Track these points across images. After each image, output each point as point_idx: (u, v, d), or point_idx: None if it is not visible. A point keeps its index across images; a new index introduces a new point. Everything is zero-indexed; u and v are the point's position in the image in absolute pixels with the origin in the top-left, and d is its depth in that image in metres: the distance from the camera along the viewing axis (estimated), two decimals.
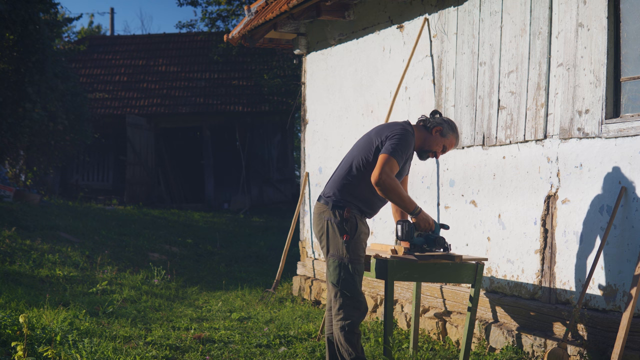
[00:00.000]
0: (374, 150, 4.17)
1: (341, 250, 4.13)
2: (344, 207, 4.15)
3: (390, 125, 4.28)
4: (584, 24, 4.51)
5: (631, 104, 4.32)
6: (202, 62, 20.43)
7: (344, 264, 4.13)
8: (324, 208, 4.21)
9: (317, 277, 7.50)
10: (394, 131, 4.16)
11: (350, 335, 4.12)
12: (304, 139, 7.92)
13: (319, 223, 4.24)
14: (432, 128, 4.35)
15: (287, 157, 19.71)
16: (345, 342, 4.12)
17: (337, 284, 4.14)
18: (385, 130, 4.23)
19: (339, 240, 4.14)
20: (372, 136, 4.26)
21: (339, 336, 4.14)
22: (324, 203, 4.22)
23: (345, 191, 4.19)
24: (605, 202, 4.35)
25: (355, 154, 4.26)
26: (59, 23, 17.39)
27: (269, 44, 8.39)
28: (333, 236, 4.16)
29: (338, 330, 4.14)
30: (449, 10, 5.64)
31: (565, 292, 4.63)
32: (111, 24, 29.53)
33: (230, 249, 12.07)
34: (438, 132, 4.35)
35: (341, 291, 4.14)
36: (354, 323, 4.13)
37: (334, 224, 4.15)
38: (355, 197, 4.19)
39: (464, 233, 5.46)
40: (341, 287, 4.13)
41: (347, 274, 4.13)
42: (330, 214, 4.17)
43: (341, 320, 4.13)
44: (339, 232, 4.14)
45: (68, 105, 15.36)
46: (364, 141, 4.29)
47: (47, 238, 9.92)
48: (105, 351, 4.77)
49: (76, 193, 18.03)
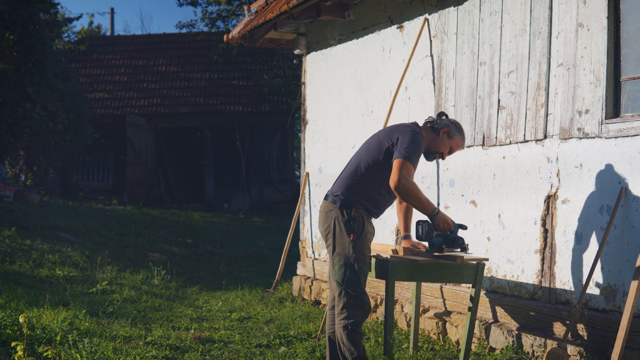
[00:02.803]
0: (384, 151, 4.18)
1: (347, 249, 4.14)
2: (351, 206, 4.16)
3: (400, 127, 4.27)
4: (584, 24, 4.51)
5: (631, 104, 4.32)
6: (202, 62, 20.44)
7: (349, 263, 4.13)
8: (331, 207, 4.21)
9: (317, 277, 7.50)
10: (405, 133, 4.16)
11: (353, 334, 4.12)
12: (304, 139, 7.92)
13: (326, 221, 4.23)
14: (440, 129, 4.37)
15: (287, 157, 19.71)
16: (347, 341, 4.11)
17: (342, 282, 4.13)
18: (395, 132, 4.23)
19: (346, 239, 4.14)
20: (381, 138, 4.26)
21: (342, 335, 4.14)
22: (332, 202, 4.22)
23: (353, 190, 4.19)
24: (605, 202, 4.35)
25: (364, 155, 4.26)
26: (59, 23, 17.40)
27: (269, 44, 8.39)
28: (340, 235, 4.16)
29: (341, 329, 4.14)
30: (449, 10, 5.64)
31: (565, 292, 4.63)
32: (111, 24, 29.54)
33: (230, 249, 12.07)
34: (445, 133, 4.37)
35: (345, 290, 4.13)
36: (357, 322, 4.13)
37: (341, 222, 4.15)
38: (363, 196, 4.20)
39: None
40: (346, 286, 4.13)
41: (352, 273, 4.13)
42: (337, 213, 4.17)
43: (344, 319, 4.13)
44: (346, 231, 4.14)
45: (68, 105, 15.36)
46: (373, 142, 4.29)
47: (47, 238, 9.92)
48: (105, 351, 4.77)
49: (76, 193, 18.03)
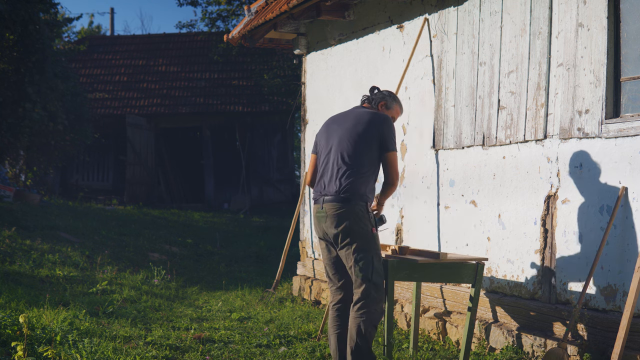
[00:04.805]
0: (378, 145, 4.21)
1: (371, 244, 4.14)
2: (366, 201, 4.18)
3: (376, 116, 4.29)
4: (584, 24, 4.51)
5: (631, 104, 4.32)
6: (202, 62, 20.44)
7: (377, 257, 4.15)
8: (343, 206, 4.14)
9: (317, 277, 7.50)
10: (387, 121, 4.27)
11: (374, 329, 4.11)
12: (304, 139, 7.92)
13: (340, 222, 4.14)
14: (377, 104, 4.50)
15: (287, 157, 19.71)
16: (368, 335, 4.07)
17: (371, 277, 4.10)
18: (377, 120, 4.26)
19: (369, 234, 4.14)
20: (358, 129, 4.23)
21: (362, 329, 4.07)
22: (340, 201, 4.15)
23: (355, 185, 4.16)
24: (605, 202, 4.35)
25: (362, 147, 4.20)
26: (59, 23, 17.41)
27: (269, 44, 8.39)
28: (361, 231, 4.13)
29: (362, 323, 4.08)
30: (449, 10, 5.64)
31: (565, 292, 4.63)
32: (111, 24, 29.54)
33: (230, 249, 12.07)
34: (383, 106, 4.51)
35: (374, 284, 4.11)
36: (379, 317, 4.14)
37: (361, 219, 4.14)
38: (371, 190, 4.24)
39: (464, 233, 5.46)
40: (374, 280, 4.12)
41: (379, 266, 4.15)
42: (355, 210, 4.13)
43: (366, 314, 4.08)
44: (367, 227, 4.15)
45: (68, 105, 15.36)
46: (349, 134, 4.24)
47: (47, 238, 9.92)
48: (105, 351, 4.77)
49: (76, 193, 18.03)
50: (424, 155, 5.92)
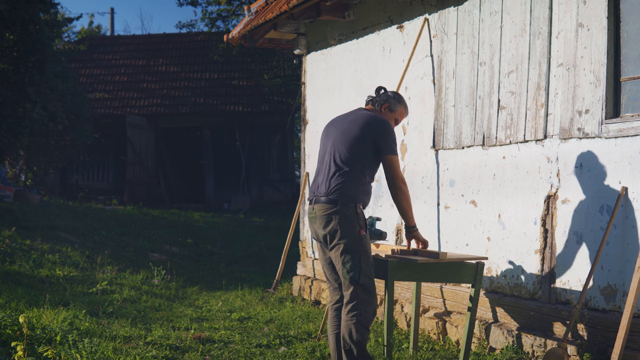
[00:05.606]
0: (372, 148, 4.19)
1: (359, 245, 4.13)
2: (355, 202, 4.16)
3: (372, 119, 4.26)
4: (584, 24, 4.51)
5: (631, 104, 4.32)
6: (202, 62, 20.44)
7: (364, 259, 4.13)
8: (332, 207, 4.14)
9: (317, 277, 7.50)
10: (381, 125, 4.23)
11: (365, 331, 4.11)
12: (304, 139, 7.92)
13: (328, 223, 4.15)
14: (381, 106, 4.48)
15: (287, 157, 19.71)
16: (358, 336, 4.07)
17: (358, 279, 4.10)
18: (371, 124, 4.23)
19: (357, 235, 4.13)
20: (354, 131, 4.22)
21: (352, 331, 4.09)
22: (330, 202, 4.16)
23: (347, 186, 4.16)
24: (605, 202, 4.35)
25: (342, 150, 4.21)
26: (59, 23, 17.40)
27: (269, 44, 8.39)
28: (348, 232, 4.12)
29: (352, 325, 4.09)
30: (449, 10, 5.64)
31: (565, 292, 4.63)
32: (111, 24, 29.53)
33: (230, 249, 12.07)
34: (386, 108, 4.47)
35: (361, 286, 4.11)
36: (369, 319, 4.13)
37: (349, 220, 4.13)
38: (363, 192, 4.21)
39: (464, 233, 5.46)
40: (362, 282, 4.11)
41: (367, 268, 4.14)
42: (342, 211, 4.12)
43: (357, 316, 4.09)
44: (355, 228, 4.13)
45: (68, 105, 15.36)
46: (344, 136, 4.24)
47: (47, 238, 9.92)
48: (105, 351, 4.77)
49: (76, 193, 18.02)
50: (424, 155, 5.92)
